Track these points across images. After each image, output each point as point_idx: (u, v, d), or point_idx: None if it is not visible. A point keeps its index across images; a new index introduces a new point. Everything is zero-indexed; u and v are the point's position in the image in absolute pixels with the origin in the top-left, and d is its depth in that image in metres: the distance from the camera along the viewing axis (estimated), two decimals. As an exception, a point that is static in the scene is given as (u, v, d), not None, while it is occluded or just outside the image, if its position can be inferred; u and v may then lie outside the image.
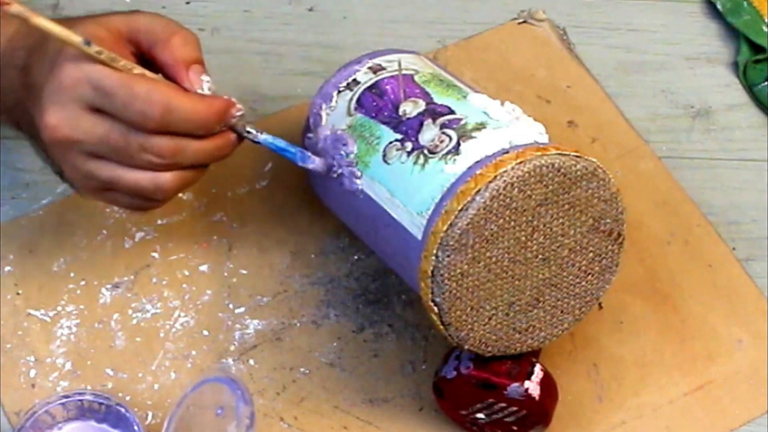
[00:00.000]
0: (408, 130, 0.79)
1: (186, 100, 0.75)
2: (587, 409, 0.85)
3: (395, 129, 0.79)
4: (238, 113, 0.77)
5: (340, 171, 0.80)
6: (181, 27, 0.78)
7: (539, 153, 0.74)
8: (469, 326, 0.76)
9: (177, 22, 0.78)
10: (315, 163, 0.81)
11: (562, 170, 0.74)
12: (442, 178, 0.75)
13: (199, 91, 0.76)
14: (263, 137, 0.79)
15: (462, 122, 0.78)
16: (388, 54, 0.85)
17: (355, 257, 0.90)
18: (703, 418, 0.85)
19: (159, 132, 0.74)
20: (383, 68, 0.83)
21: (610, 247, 0.77)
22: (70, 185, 0.81)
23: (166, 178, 0.76)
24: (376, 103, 0.81)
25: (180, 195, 0.92)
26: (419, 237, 0.75)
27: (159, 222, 0.91)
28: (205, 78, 0.77)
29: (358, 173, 0.79)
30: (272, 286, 0.89)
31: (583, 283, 0.78)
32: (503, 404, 0.79)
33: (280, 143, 0.80)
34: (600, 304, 0.88)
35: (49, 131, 0.74)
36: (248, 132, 0.78)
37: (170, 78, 0.76)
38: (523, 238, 0.74)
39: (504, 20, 1.03)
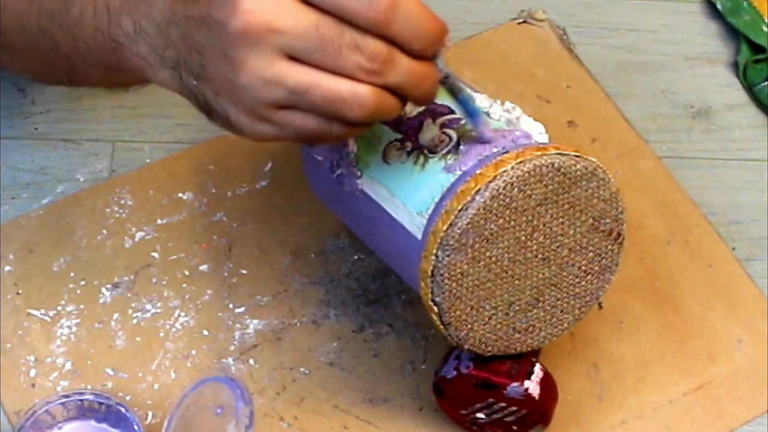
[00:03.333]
0: (408, 129, 0.79)
1: (416, 1, 0.65)
2: (587, 409, 0.85)
3: (395, 129, 0.79)
4: (449, 44, 0.69)
5: (340, 171, 0.80)
6: None
7: (539, 153, 0.74)
8: (469, 326, 0.76)
9: None
10: (486, 136, 0.76)
11: (562, 170, 0.74)
12: (442, 177, 0.75)
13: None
14: (464, 87, 0.73)
15: (462, 122, 0.78)
16: (388, 54, 0.85)
17: (355, 257, 0.90)
18: (703, 418, 0.85)
19: (375, 32, 0.65)
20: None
21: (609, 246, 0.77)
22: (220, 119, 0.69)
23: (368, 91, 0.66)
24: (376, 102, 0.81)
25: (180, 195, 0.92)
26: (419, 237, 0.75)
27: (159, 222, 0.91)
28: None
29: (358, 173, 0.79)
30: (272, 286, 0.89)
31: (583, 282, 0.78)
32: (503, 404, 0.79)
33: (471, 103, 0.74)
34: (600, 304, 0.88)
35: (244, 16, 0.63)
36: (447, 74, 0.70)
37: None
38: (523, 238, 0.74)
39: (504, 20, 1.04)
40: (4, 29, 0.78)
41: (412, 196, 0.76)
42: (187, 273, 0.89)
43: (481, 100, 0.80)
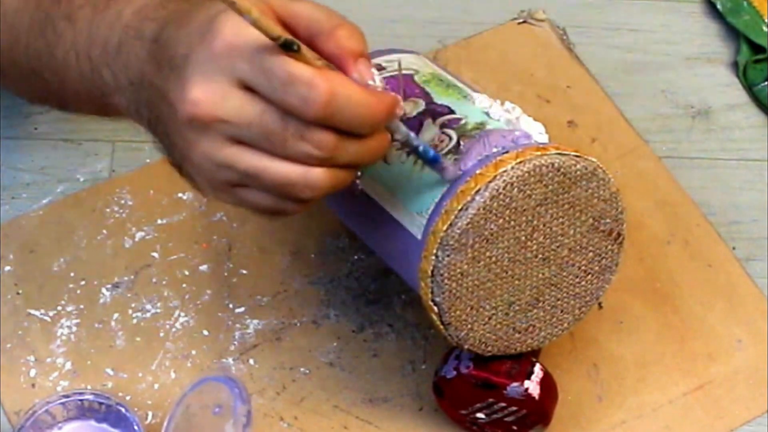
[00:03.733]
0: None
1: (355, 89, 0.65)
2: (587, 409, 0.85)
3: (395, 129, 0.79)
4: (401, 112, 0.69)
5: (340, 171, 0.80)
6: (345, 19, 0.68)
7: (539, 153, 0.73)
8: (469, 326, 0.76)
9: (339, 13, 0.69)
10: (454, 179, 0.75)
11: (562, 170, 0.74)
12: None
13: (370, 83, 0.66)
14: (421, 143, 0.72)
15: (462, 122, 0.78)
16: (388, 54, 0.85)
17: (355, 257, 0.90)
18: (703, 418, 0.85)
19: (318, 122, 0.65)
20: (383, 68, 0.83)
21: (609, 246, 0.77)
22: (188, 179, 0.70)
23: (318, 174, 0.66)
24: (376, 103, 0.81)
25: (180, 195, 0.92)
26: (419, 237, 0.75)
27: (159, 222, 0.91)
28: (375, 71, 0.67)
29: (358, 173, 0.79)
30: (272, 286, 0.89)
31: (583, 282, 0.78)
32: (503, 404, 0.79)
33: (433, 153, 0.73)
34: (600, 304, 0.88)
35: (190, 106, 0.65)
36: (407, 135, 0.70)
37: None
38: (523, 238, 0.74)
39: (504, 20, 1.04)
40: None
41: (412, 196, 0.76)
42: (187, 273, 0.89)
43: (481, 100, 0.80)
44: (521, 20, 1.03)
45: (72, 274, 0.88)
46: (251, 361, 0.86)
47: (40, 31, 0.74)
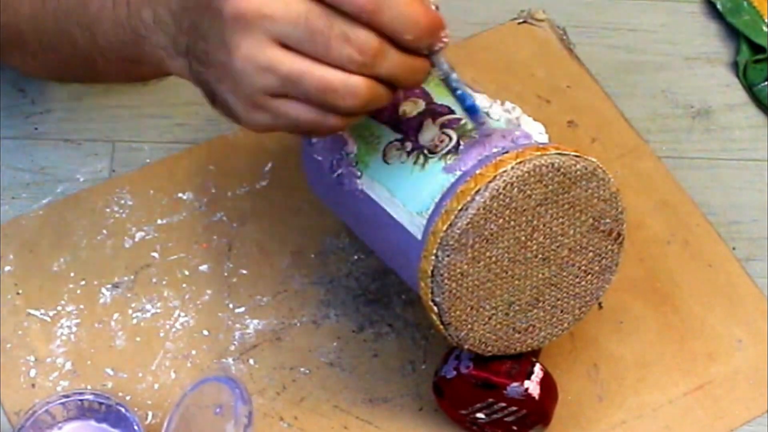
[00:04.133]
0: (408, 129, 0.79)
1: None
2: (587, 409, 0.85)
3: (395, 129, 0.79)
4: (446, 40, 0.68)
5: (340, 171, 0.80)
6: None
7: (539, 153, 0.74)
8: (469, 326, 0.76)
9: None
10: (484, 127, 0.76)
11: (562, 170, 0.74)
12: (442, 177, 0.75)
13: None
14: (455, 77, 0.71)
15: (462, 122, 0.78)
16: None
17: (355, 257, 0.90)
18: (703, 418, 0.85)
19: (365, 22, 0.65)
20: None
21: (609, 246, 0.77)
22: (222, 107, 0.70)
23: (359, 81, 0.66)
24: (376, 102, 0.81)
25: (180, 195, 0.92)
26: (419, 237, 0.75)
27: (159, 222, 0.91)
28: None
29: (358, 173, 0.79)
30: (272, 286, 0.89)
31: (583, 282, 0.78)
32: (503, 404, 0.79)
33: (471, 101, 0.73)
34: (600, 304, 0.88)
35: (237, 1, 0.65)
36: (444, 66, 0.70)
37: None
38: (523, 238, 0.74)
39: (504, 20, 1.04)
40: (18, 31, 0.78)
41: (411, 196, 0.76)
42: (187, 273, 0.89)
43: (481, 100, 0.80)
44: (521, 20, 1.03)
45: (72, 274, 0.88)
46: (251, 361, 0.86)
47: None
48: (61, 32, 0.76)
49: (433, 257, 0.73)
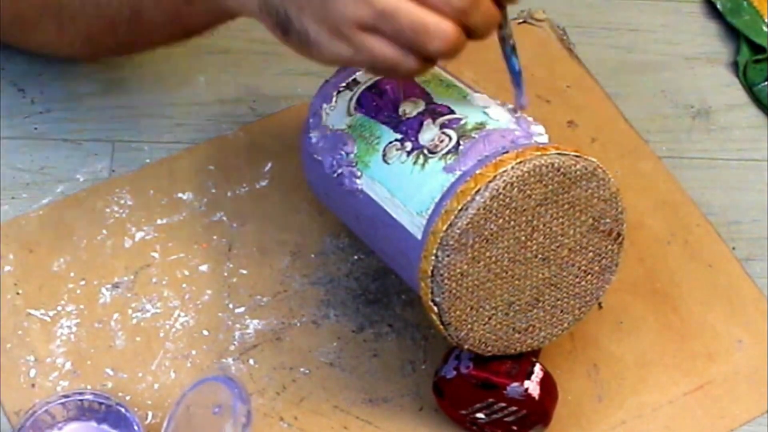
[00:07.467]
0: (408, 129, 0.79)
1: None
2: (587, 409, 0.85)
3: (395, 129, 0.79)
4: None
5: (340, 171, 0.80)
6: None
7: (539, 153, 0.74)
8: (469, 326, 0.76)
9: None
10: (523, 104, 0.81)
11: (562, 170, 0.74)
12: (442, 177, 0.75)
13: None
14: (514, 52, 0.79)
15: (462, 122, 0.78)
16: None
17: (355, 257, 0.90)
18: (703, 418, 0.85)
19: None
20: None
21: (609, 246, 0.77)
22: (300, 35, 0.70)
23: (451, 26, 0.68)
24: (376, 102, 0.81)
25: (180, 195, 0.92)
26: (419, 237, 0.75)
27: (159, 222, 0.91)
28: None
29: (358, 173, 0.79)
30: (272, 286, 0.89)
31: (583, 282, 0.78)
32: (503, 404, 0.79)
33: (519, 68, 0.80)
34: (600, 304, 0.88)
35: None
36: (511, 33, 0.77)
37: None
38: (523, 238, 0.74)
39: (504, 20, 1.03)
40: None
41: (412, 196, 0.76)
42: (187, 273, 0.89)
43: (481, 100, 0.80)
44: (521, 20, 1.03)
45: (72, 274, 0.88)
46: (251, 361, 0.85)
47: None
48: None
49: (433, 257, 0.73)
